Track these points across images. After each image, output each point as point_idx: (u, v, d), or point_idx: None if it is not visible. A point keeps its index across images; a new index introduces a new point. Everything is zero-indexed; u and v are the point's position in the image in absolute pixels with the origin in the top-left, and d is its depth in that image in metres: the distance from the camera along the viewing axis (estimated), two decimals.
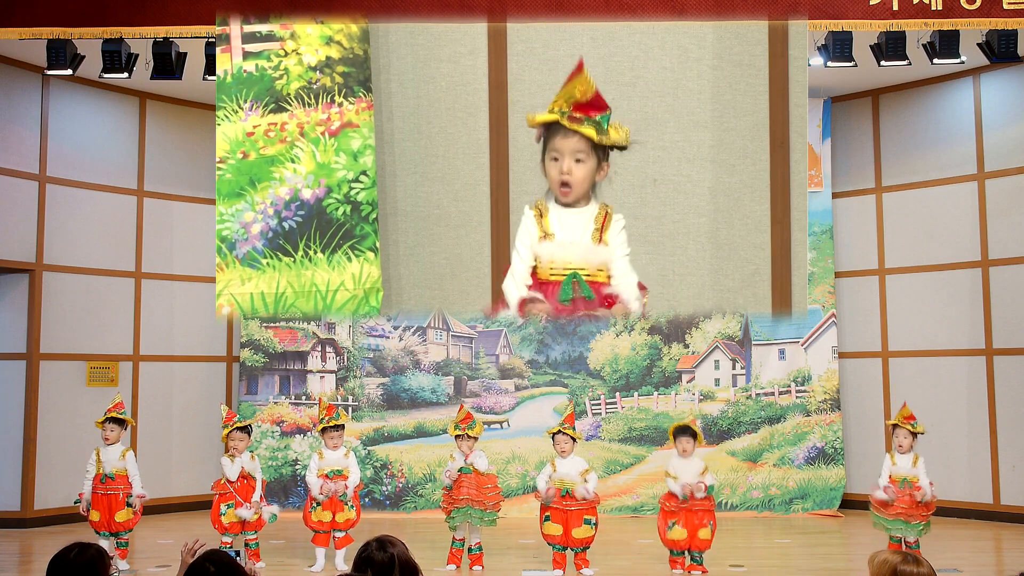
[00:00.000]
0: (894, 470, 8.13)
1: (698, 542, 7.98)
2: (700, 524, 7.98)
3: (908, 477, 8.10)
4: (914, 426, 8.19)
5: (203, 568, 3.41)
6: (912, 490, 7.97)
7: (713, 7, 7.83)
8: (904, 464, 8.15)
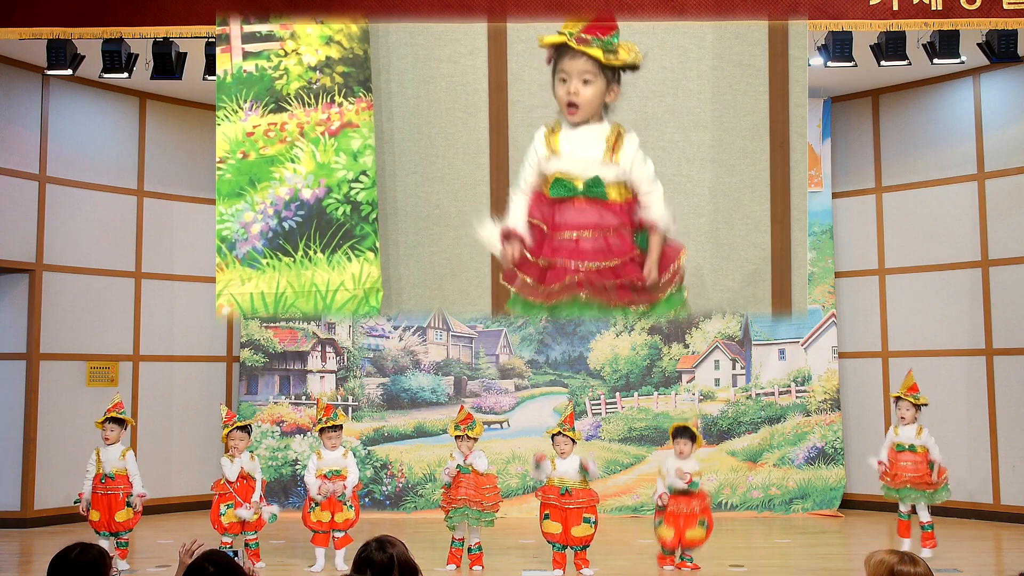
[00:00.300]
0: (896, 439, 8.23)
1: (686, 541, 7.97)
2: (688, 524, 7.96)
3: (915, 446, 8.17)
4: (916, 398, 8.26)
5: (202, 568, 3.40)
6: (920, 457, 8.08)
7: (713, 7, 7.83)
8: (907, 434, 8.22)
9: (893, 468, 8.25)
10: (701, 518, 8.03)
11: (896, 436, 8.30)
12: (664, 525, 8.03)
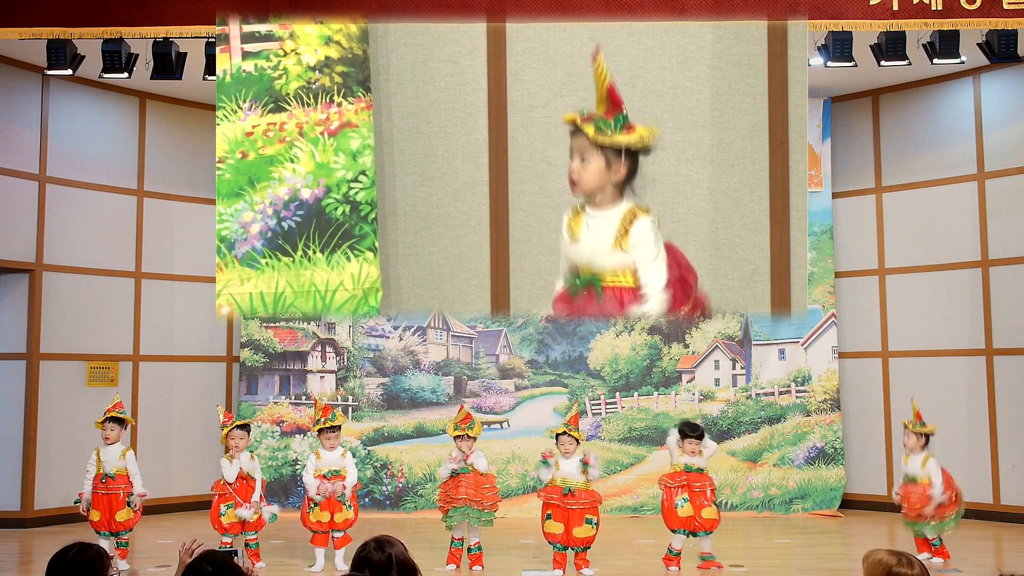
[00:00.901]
0: (906, 469, 8.22)
1: (704, 522, 8.03)
2: (704, 503, 8.05)
3: (917, 477, 8.14)
4: (915, 426, 8.22)
5: (200, 568, 3.40)
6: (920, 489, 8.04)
7: (713, 7, 7.83)
8: (914, 464, 8.20)
9: (905, 500, 8.20)
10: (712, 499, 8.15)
11: (906, 465, 8.26)
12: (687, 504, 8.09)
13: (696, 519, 8.08)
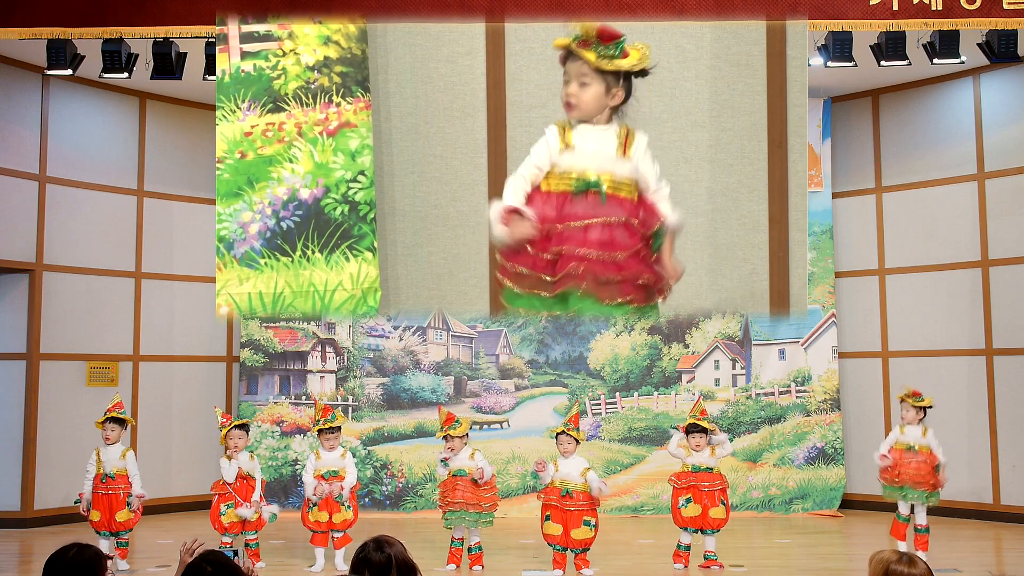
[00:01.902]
0: (901, 438, 8.25)
1: (711, 520, 8.05)
2: (713, 503, 8.06)
3: (916, 445, 8.20)
4: (915, 400, 8.28)
5: (200, 568, 3.40)
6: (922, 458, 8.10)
7: (713, 7, 7.83)
8: (913, 434, 8.24)
9: (897, 467, 8.26)
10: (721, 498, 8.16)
11: (902, 435, 8.31)
12: (692, 503, 8.10)
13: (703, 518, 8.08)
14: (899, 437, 8.33)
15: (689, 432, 8.30)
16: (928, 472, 8.17)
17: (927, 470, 8.18)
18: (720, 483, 8.20)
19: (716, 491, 8.16)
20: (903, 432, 8.32)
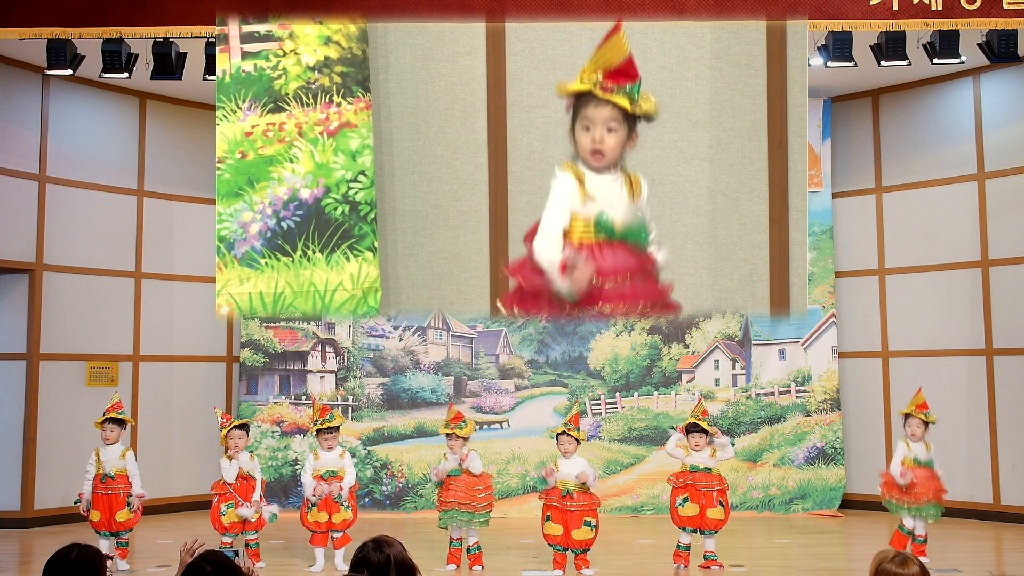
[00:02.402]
0: (908, 454, 8.20)
1: (709, 521, 8.05)
2: (710, 503, 8.06)
3: (927, 461, 8.17)
4: (927, 416, 8.23)
5: (200, 568, 3.40)
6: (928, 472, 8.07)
7: (713, 7, 7.83)
8: (918, 450, 8.20)
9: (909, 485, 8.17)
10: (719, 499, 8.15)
11: (909, 451, 8.23)
12: (689, 503, 8.09)
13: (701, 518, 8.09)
14: (907, 454, 8.23)
15: (689, 432, 8.30)
16: (938, 488, 8.13)
17: (937, 486, 8.14)
18: (718, 484, 8.19)
19: (714, 491, 8.15)
20: (909, 448, 8.24)
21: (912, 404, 8.30)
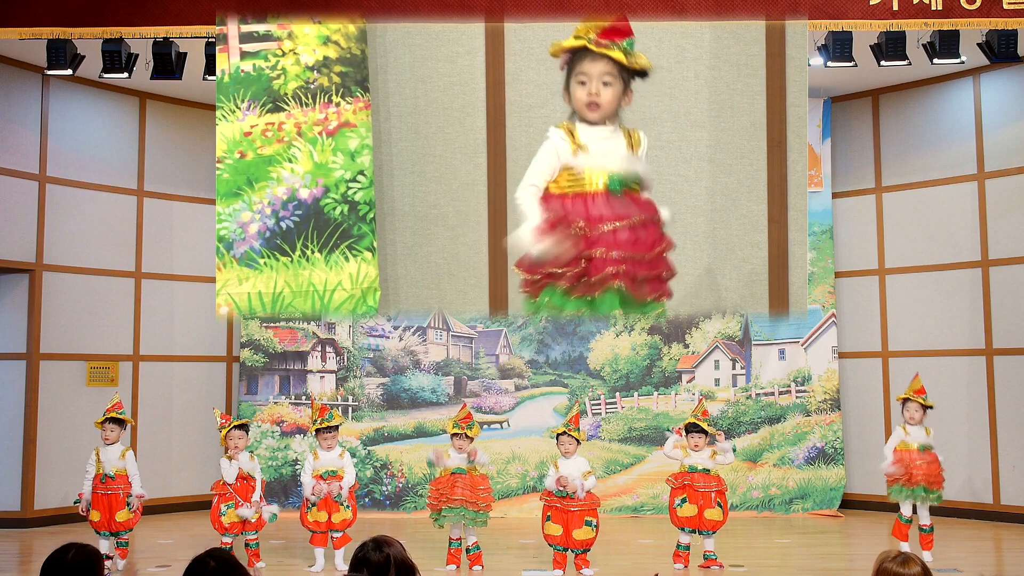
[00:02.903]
0: (906, 439, 8.22)
1: (707, 522, 8.05)
2: (709, 504, 8.06)
3: (927, 445, 8.19)
4: (924, 400, 8.26)
5: (203, 562, 3.42)
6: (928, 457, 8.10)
7: (713, 7, 7.83)
8: (918, 435, 8.22)
9: (908, 469, 8.20)
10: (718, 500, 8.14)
11: (906, 435, 8.27)
12: (687, 504, 8.10)
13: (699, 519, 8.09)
14: (904, 438, 8.28)
15: (688, 432, 8.30)
16: (937, 472, 8.18)
17: (937, 470, 8.19)
18: (716, 484, 8.18)
19: (712, 492, 8.15)
20: (907, 432, 8.28)
21: (910, 389, 8.37)
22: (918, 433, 8.25)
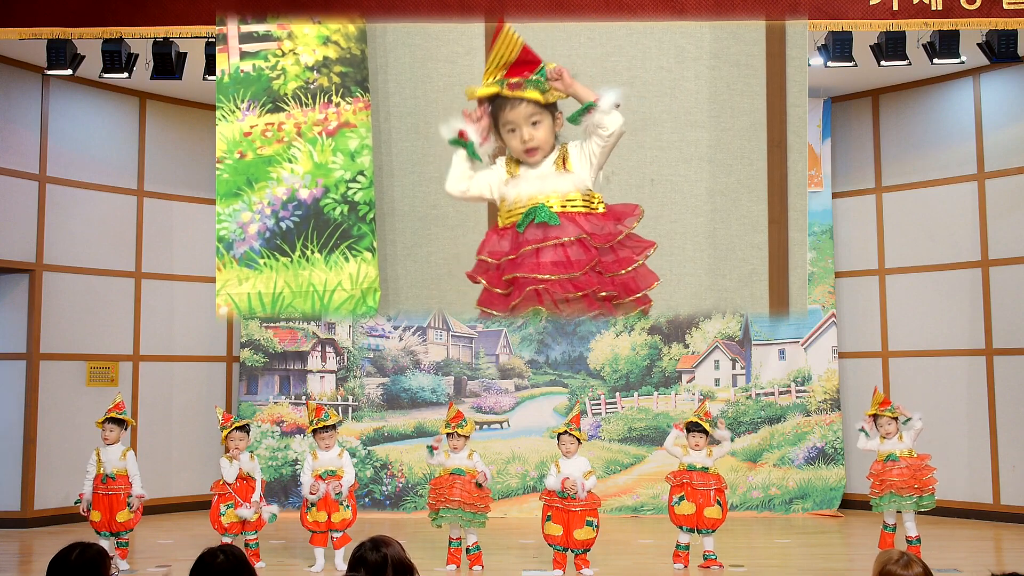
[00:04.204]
0: (882, 448, 8.18)
1: (705, 520, 8.05)
2: (708, 502, 8.06)
3: (896, 452, 8.14)
4: (892, 411, 8.21)
5: (214, 555, 3.47)
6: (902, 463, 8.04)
7: (713, 7, 7.83)
8: (891, 444, 8.18)
9: (880, 476, 8.19)
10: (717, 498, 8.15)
11: (881, 446, 8.23)
12: (685, 501, 8.10)
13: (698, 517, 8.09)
14: (879, 447, 8.24)
15: (689, 431, 8.30)
16: (911, 476, 8.09)
17: (910, 474, 8.10)
18: (715, 483, 8.18)
19: (711, 490, 8.14)
20: (882, 442, 8.23)
21: (874, 405, 8.30)
22: (892, 443, 8.20)
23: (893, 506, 8.09)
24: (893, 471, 8.09)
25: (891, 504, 8.09)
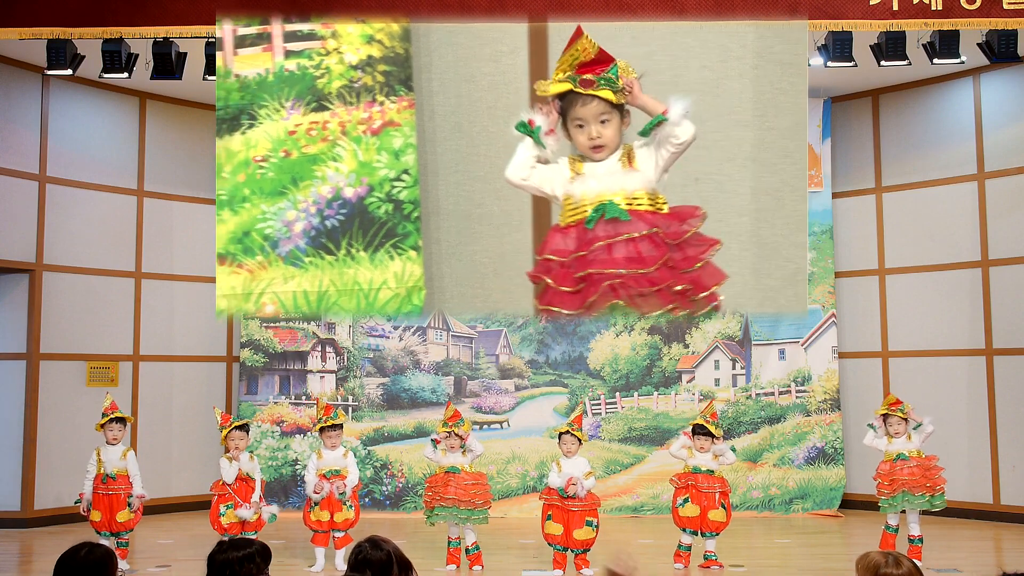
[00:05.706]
0: (890, 448, 8.18)
1: (710, 523, 8.06)
2: (712, 505, 8.07)
3: (906, 452, 8.15)
4: (902, 411, 8.22)
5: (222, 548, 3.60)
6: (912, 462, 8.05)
7: (713, 7, 7.83)
8: (900, 444, 8.18)
9: (889, 476, 8.19)
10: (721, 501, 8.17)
11: (889, 445, 8.24)
12: (689, 504, 8.10)
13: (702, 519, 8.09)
14: (887, 447, 8.24)
15: (695, 433, 8.28)
16: (922, 475, 8.10)
17: (921, 473, 8.12)
18: (720, 486, 8.19)
19: (715, 493, 8.15)
20: (891, 442, 8.23)
21: (885, 404, 8.32)
22: (900, 442, 8.21)
23: (904, 506, 8.10)
24: (904, 471, 8.09)
25: (903, 504, 8.09)
